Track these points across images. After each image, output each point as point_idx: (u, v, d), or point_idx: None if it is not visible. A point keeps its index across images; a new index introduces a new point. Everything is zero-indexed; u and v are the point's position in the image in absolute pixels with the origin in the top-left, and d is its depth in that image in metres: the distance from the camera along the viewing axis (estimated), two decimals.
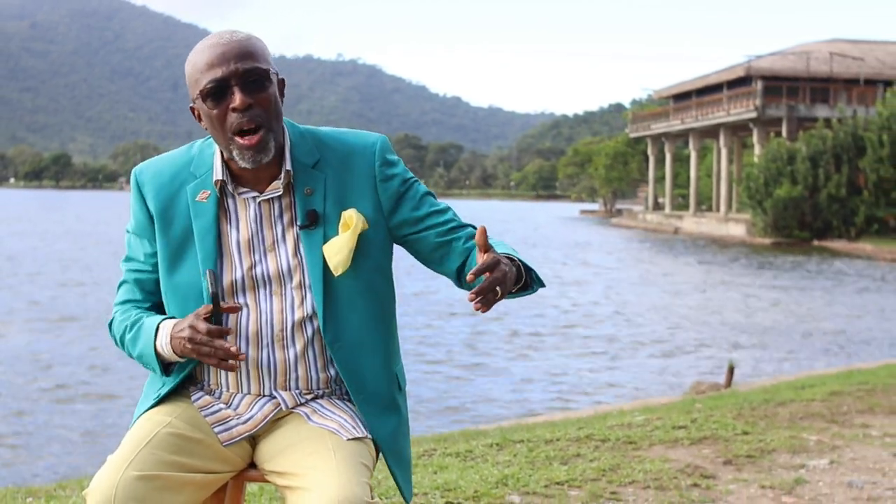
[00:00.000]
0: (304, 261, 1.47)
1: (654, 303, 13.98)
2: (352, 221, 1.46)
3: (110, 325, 1.56)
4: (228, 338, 1.46)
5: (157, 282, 1.53)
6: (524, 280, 1.43)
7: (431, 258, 1.52)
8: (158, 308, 1.55)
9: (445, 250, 1.51)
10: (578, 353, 9.55)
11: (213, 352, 1.38)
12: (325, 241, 1.47)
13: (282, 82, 1.50)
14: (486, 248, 1.34)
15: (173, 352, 1.43)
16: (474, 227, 1.53)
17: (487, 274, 1.31)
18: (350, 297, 1.47)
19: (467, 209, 71.26)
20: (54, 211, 49.38)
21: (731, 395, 5.32)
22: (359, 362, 1.49)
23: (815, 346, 10.14)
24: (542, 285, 1.48)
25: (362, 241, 1.47)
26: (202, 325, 1.38)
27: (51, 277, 15.83)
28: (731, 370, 6.55)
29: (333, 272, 1.45)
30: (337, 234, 1.47)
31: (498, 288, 1.32)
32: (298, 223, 1.48)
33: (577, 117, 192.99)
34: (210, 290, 1.39)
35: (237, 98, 1.41)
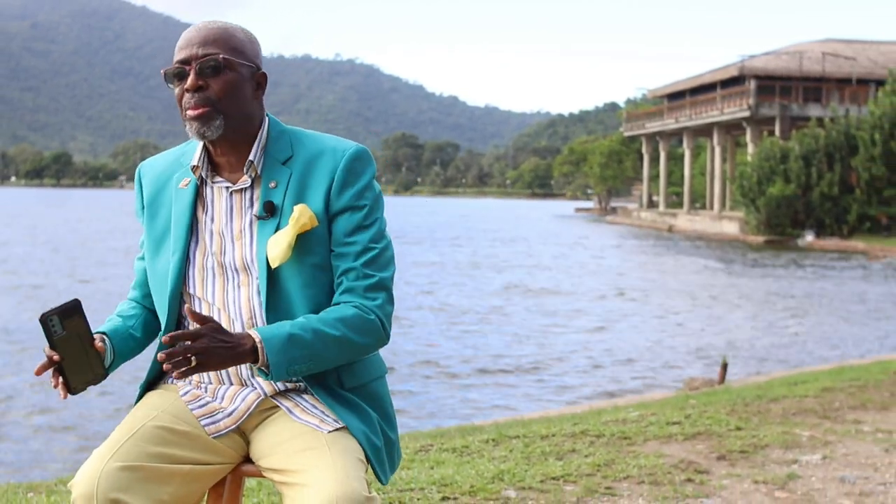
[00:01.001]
0: (254, 246, 1.51)
1: (648, 299, 14.02)
2: (295, 215, 1.48)
3: None
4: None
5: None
6: (262, 367, 1.39)
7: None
8: (149, 296, 1.60)
9: (338, 287, 1.51)
10: (573, 350, 9.58)
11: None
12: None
13: (261, 76, 1.54)
14: (200, 321, 1.35)
15: None
16: (372, 283, 1.48)
17: (188, 342, 1.33)
18: (293, 290, 1.49)
19: (463, 207, 71.29)
20: (55, 208, 49.22)
21: (725, 392, 5.36)
22: None
23: (807, 343, 10.19)
24: (291, 376, 1.41)
25: (307, 237, 1.49)
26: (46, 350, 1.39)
27: (59, 274, 15.80)
28: (724, 367, 6.59)
29: (270, 264, 1.48)
30: None
31: (193, 358, 1.32)
32: (255, 213, 1.51)
33: (573, 116, 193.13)
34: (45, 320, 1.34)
35: (189, 80, 1.47)
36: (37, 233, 28.48)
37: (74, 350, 1.38)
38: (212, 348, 1.34)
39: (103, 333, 1.52)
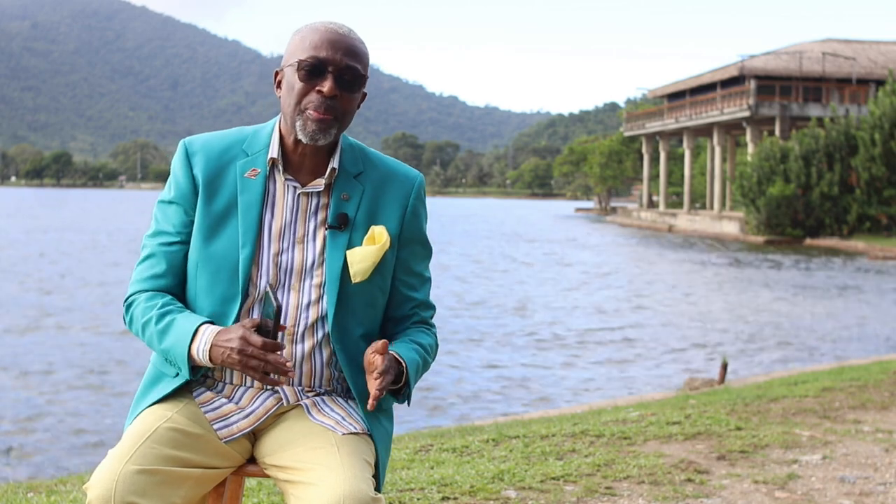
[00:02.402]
0: (325, 260, 1.50)
1: (648, 299, 14.02)
2: (381, 238, 1.51)
3: (129, 305, 1.53)
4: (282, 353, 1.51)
5: (185, 255, 1.52)
6: (401, 388, 1.49)
7: (387, 306, 1.58)
8: (181, 286, 1.53)
9: (393, 315, 1.59)
10: (573, 351, 9.58)
11: (261, 366, 1.39)
12: (349, 246, 1.51)
13: (364, 96, 1.57)
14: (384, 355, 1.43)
15: (209, 359, 1.43)
16: (432, 315, 1.61)
17: (382, 377, 1.41)
18: (357, 306, 1.51)
19: (463, 207, 71.14)
20: (56, 208, 49.22)
21: (725, 392, 5.36)
22: (359, 367, 1.52)
23: (807, 343, 10.19)
24: (407, 399, 1.52)
25: (380, 260, 1.52)
26: (256, 339, 1.38)
27: (61, 275, 15.80)
28: (724, 366, 6.59)
29: (352, 278, 1.49)
30: (361, 242, 1.51)
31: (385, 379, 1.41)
32: (328, 223, 1.51)
33: (573, 116, 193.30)
34: (274, 305, 1.40)
35: (328, 85, 1.46)
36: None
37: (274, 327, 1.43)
38: (389, 371, 1.43)
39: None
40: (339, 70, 1.47)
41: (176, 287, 1.53)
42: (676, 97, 43.59)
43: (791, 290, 15.46)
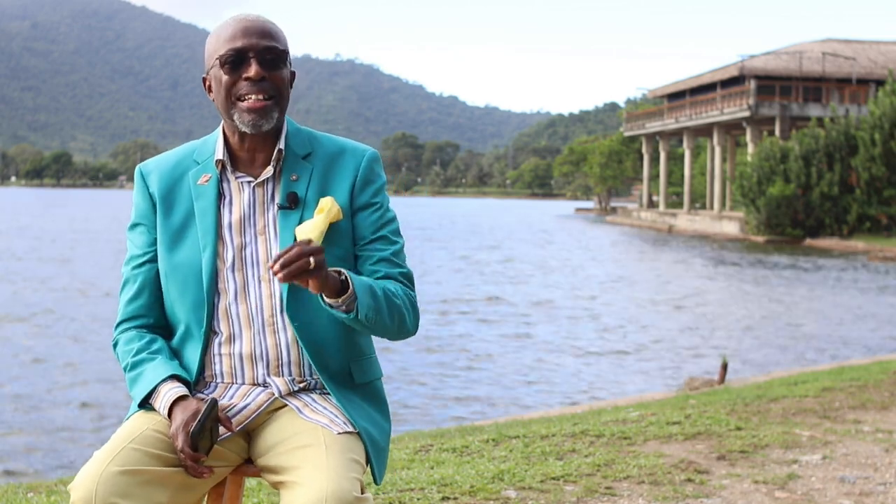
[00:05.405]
0: (278, 240, 1.51)
1: (648, 299, 14.03)
2: (327, 205, 1.51)
3: (115, 346, 1.58)
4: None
5: (157, 272, 1.55)
6: (347, 299, 1.40)
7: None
8: (158, 302, 1.55)
9: (373, 274, 1.54)
10: (573, 350, 9.58)
11: (184, 460, 1.40)
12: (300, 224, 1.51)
13: (293, 74, 1.57)
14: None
15: (168, 415, 1.46)
16: (405, 273, 1.54)
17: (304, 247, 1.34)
18: None
19: (463, 207, 71.14)
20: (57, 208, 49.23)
21: (725, 392, 5.37)
22: (320, 343, 1.51)
23: (807, 343, 10.19)
24: (363, 321, 1.43)
25: (333, 229, 1.51)
26: (180, 442, 1.40)
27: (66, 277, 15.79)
28: (724, 367, 6.60)
29: None
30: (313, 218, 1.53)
31: (312, 259, 1.33)
32: (278, 203, 1.52)
33: (573, 116, 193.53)
34: (201, 418, 1.40)
35: (253, 69, 1.48)
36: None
37: (205, 434, 1.43)
38: (324, 257, 1.35)
39: (181, 380, 1.49)
40: (259, 53, 1.48)
41: (152, 305, 1.56)
42: (676, 97, 43.60)
43: (791, 290, 15.46)
